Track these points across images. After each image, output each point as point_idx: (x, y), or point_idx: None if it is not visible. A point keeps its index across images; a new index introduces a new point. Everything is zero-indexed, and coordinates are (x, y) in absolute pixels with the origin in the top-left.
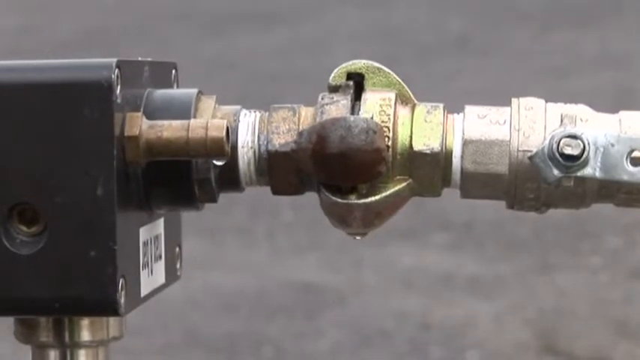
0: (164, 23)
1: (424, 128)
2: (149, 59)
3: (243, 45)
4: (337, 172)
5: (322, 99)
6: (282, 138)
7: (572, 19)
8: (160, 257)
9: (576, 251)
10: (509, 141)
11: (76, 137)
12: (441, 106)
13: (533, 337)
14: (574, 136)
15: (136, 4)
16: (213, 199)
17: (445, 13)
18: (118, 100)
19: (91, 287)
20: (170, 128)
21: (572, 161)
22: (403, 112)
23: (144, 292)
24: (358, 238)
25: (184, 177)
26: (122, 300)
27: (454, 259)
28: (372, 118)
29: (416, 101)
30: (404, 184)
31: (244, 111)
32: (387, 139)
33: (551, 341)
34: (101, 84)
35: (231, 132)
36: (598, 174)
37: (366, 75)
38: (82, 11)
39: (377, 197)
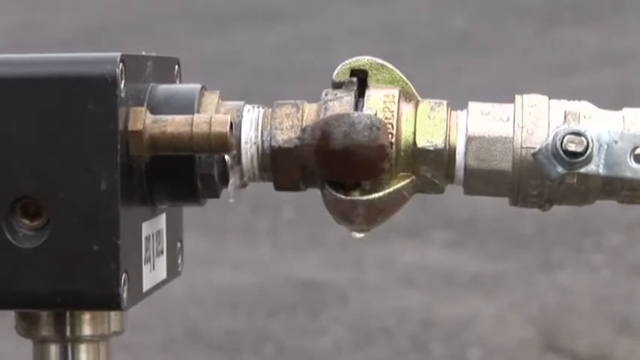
0: (166, 20)
1: (427, 125)
2: (152, 54)
3: (246, 42)
4: (340, 168)
5: (326, 95)
6: (286, 134)
7: (574, 17)
8: (162, 252)
9: (578, 248)
10: (513, 138)
11: (80, 131)
12: (445, 102)
13: (535, 334)
14: (578, 133)
15: (137, 1)
16: (216, 195)
17: (447, 10)
18: (122, 95)
19: (94, 281)
20: (174, 123)
21: (575, 158)
22: (407, 108)
23: (146, 287)
24: (360, 235)
25: (187, 172)
26: (124, 294)
27: (456, 257)
28: (375, 114)
29: (419, 98)
30: (407, 181)
31: (248, 107)
32: (390, 135)
33: (553, 339)
34: (105, 78)
35: (234, 127)
36: (601, 171)
37: (369, 71)
38: (84, 8)
39: (380, 194)
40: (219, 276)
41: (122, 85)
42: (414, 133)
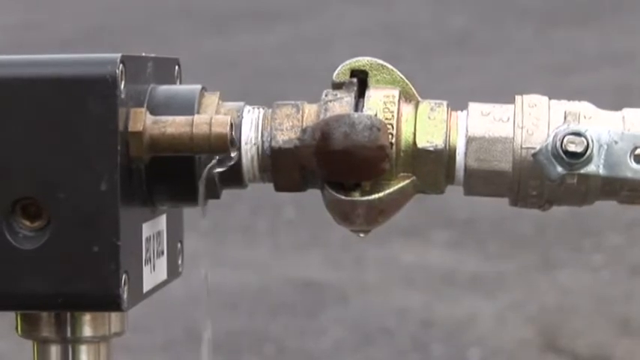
0: (166, 20)
1: (428, 125)
2: (153, 55)
3: (246, 42)
4: (341, 169)
5: (326, 96)
6: (286, 135)
7: (574, 17)
8: (162, 253)
9: (578, 249)
10: (513, 138)
11: (80, 132)
12: (445, 103)
13: (535, 334)
14: (578, 134)
15: (137, 1)
16: (216, 196)
17: (447, 10)
18: (122, 96)
19: (94, 282)
20: (174, 124)
21: (575, 158)
22: (407, 109)
23: (146, 287)
24: (361, 235)
25: (187, 173)
26: (125, 295)
27: (456, 257)
28: (375, 115)
29: (420, 98)
30: (407, 181)
31: (248, 107)
32: (390, 136)
33: (552, 339)
34: (105, 79)
35: (234, 128)
36: (601, 171)
37: (369, 72)
38: (84, 9)
39: (380, 194)
40: (219, 276)
41: (122, 86)
42: (414, 134)
